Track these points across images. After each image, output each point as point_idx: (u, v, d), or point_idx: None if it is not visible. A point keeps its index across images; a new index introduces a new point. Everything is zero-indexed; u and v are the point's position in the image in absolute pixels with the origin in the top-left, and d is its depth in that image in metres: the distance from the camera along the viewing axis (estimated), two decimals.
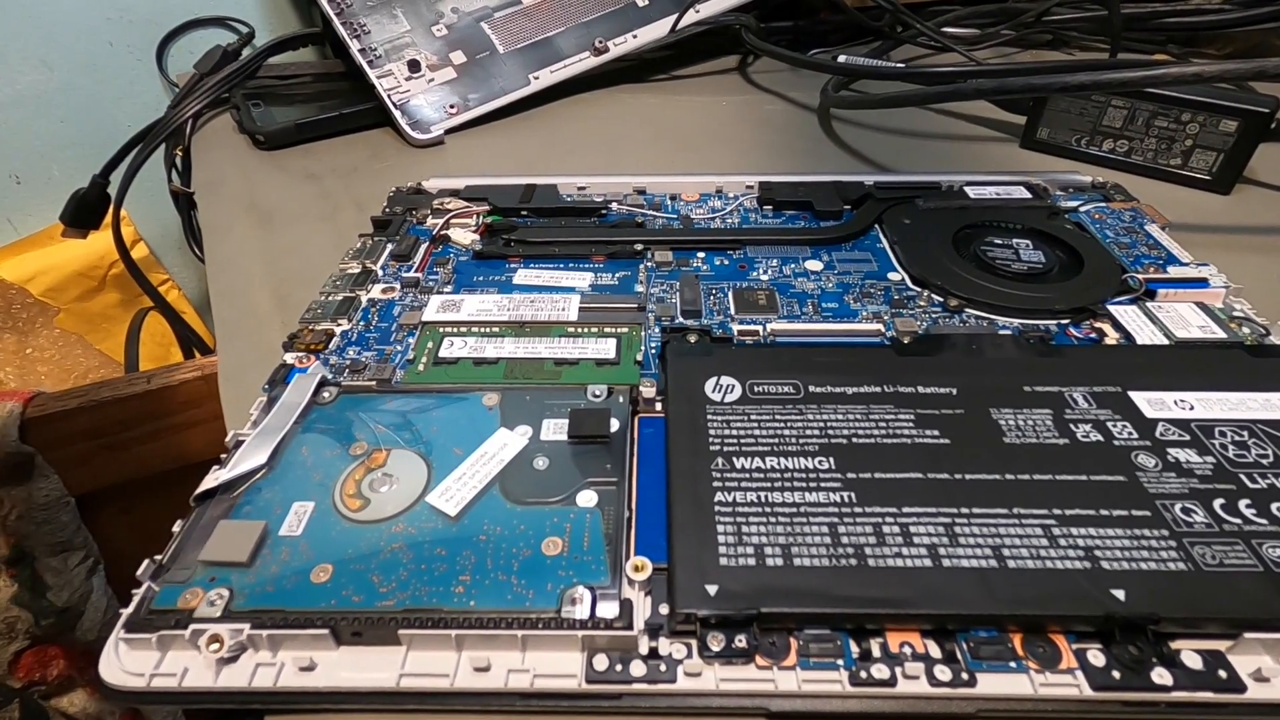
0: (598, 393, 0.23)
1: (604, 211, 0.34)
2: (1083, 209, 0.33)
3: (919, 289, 0.28)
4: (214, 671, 0.17)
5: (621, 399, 0.23)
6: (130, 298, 0.62)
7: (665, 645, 0.17)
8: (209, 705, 0.17)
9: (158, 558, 0.19)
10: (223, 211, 0.39)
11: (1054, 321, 0.26)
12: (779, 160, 0.43)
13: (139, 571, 0.18)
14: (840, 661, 0.16)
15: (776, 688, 0.16)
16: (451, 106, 0.47)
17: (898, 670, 0.16)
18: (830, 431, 0.21)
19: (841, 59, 0.47)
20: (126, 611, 0.18)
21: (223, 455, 0.22)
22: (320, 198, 0.40)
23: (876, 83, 0.50)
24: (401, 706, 0.17)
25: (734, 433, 0.21)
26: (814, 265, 0.30)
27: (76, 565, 0.40)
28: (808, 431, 0.21)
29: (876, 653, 0.17)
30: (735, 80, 0.56)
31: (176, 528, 0.20)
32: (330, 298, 0.28)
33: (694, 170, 0.37)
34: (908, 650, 0.17)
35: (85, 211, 0.53)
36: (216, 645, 0.17)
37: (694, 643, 0.17)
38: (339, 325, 0.27)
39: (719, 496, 0.19)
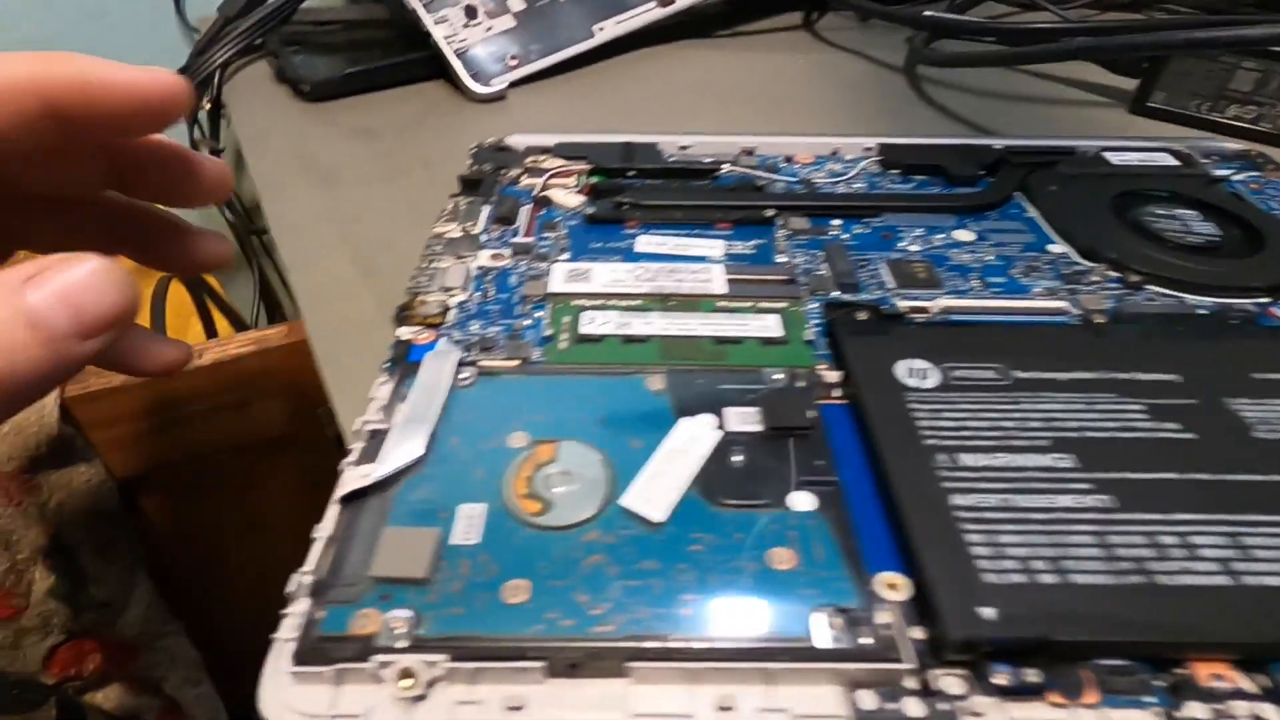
0: (777, 376, 0.20)
1: (717, 173, 0.31)
2: (1236, 178, 0.31)
3: (1089, 263, 0.26)
4: (405, 711, 0.14)
5: (801, 384, 0.20)
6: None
7: (935, 679, 0.14)
8: None
9: (307, 571, 0.16)
10: (276, 168, 0.36)
11: (1249, 301, 0.24)
12: (868, 122, 0.40)
13: (289, 588, 0.15)
14: (1152, 699, 0.14)
15: None
16: (512, 58, 0.43)
17: (1217, 707, 0.14)
18: (1057, 424, 0.19)
19: (928, 13, 0.44)
20: (284, 637, 0.15)
21: (353, 446, 0.19)
22: (381, 155, 0.36)
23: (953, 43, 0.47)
24: None
25: (947, 424, 0.19)
26: (964, 235, 0.27)
27: (120, 556, 0.37)
28: (1030, 424, 0.19)
29: (1186, 688, 0.14)
30: (803, 37, 0.53)
31: (320, 533, 0.17)
32: (433, 264, 0.25)
33: (778, 130, 0.34)
34: (1221, 685, 0.14)
35: None
36: (410, 681, 0.14)
37: (963, 675, 0.14)
38: (452, 296, 0.24)
39: (955, 500, 0.17)
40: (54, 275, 0.14)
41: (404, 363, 0.21)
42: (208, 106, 0.47)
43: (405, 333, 0.22)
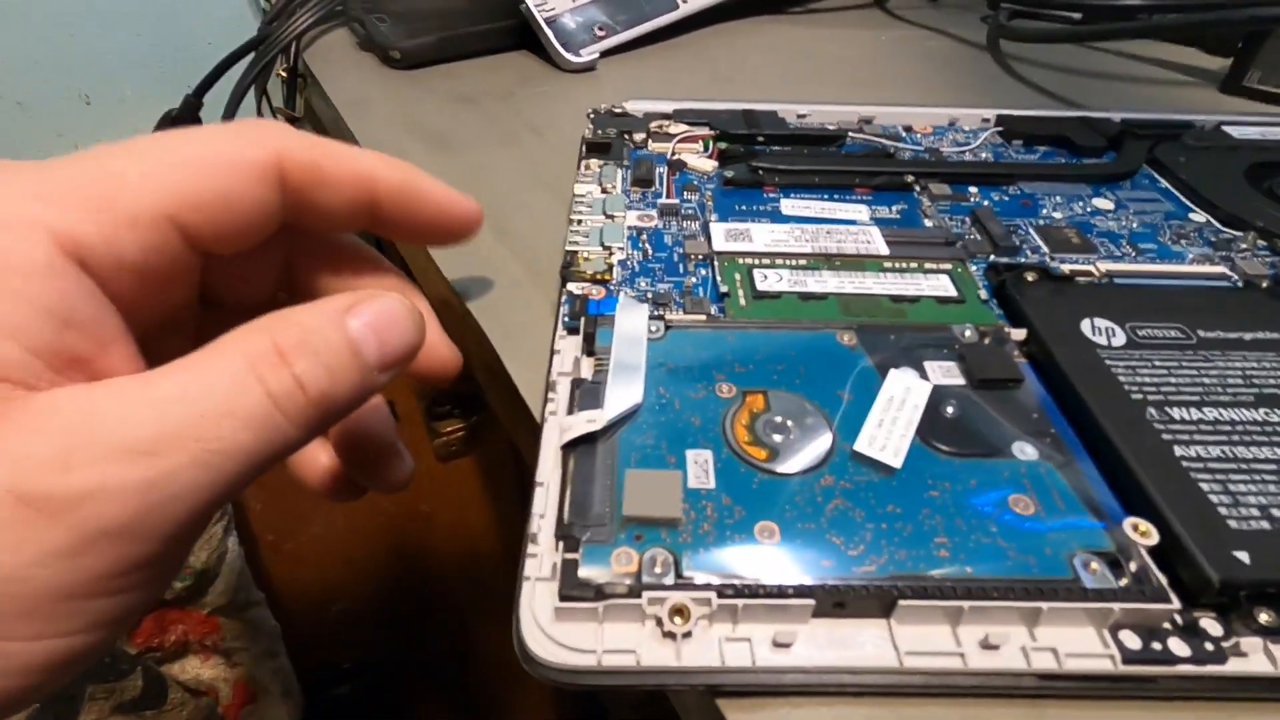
0: (968, 333, 0.20)
1: (843, 140, 0.30)
2: None
3: (1234, 231, 0.26)
4: (675, 648, 0.14)
5: (989, 340, 0.20)
6: None
7: (1196, 620, 0.15)
8: (668, 687, 0.14)
9: (540, 514, 0.16)
10: (383, 134, 0.35)
11: None
12: (955, 96, 0.40)
13: (531, 529, 0.15)
14: None
15: None
16: (600, 29, 0.43)
17: None
18: (1256, 381, 0.19)
19: None
20: (539, 576, 0.15)
21: (550, 396, 0.19)
22: (487, 121, 0.36)
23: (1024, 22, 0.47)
24: (901, 688, 0.14)
25: (1147, 380, 0.19)
26: (1104, 204, 0.27)
27: (215, 522, 0.37)
28: (1230, 380, 0.19)
29: None
30: (876, 15, 0.52)
31: (544, 476, 0.16)
32: (584, 223, 0.25)
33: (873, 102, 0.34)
34: None
35: None
36: (680, 617, 0.14)
37: (1219, 618, 0.15)
38: (611, 254, 0.24)
39: (1180, 451, 0.17)
40: (369, 306, 0.14)
41: (586, 317, 0.21)
42: (284, 75, 0.47)
43: (575, 288, 0.22)
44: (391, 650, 0.53)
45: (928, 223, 0.26)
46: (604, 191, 0.27)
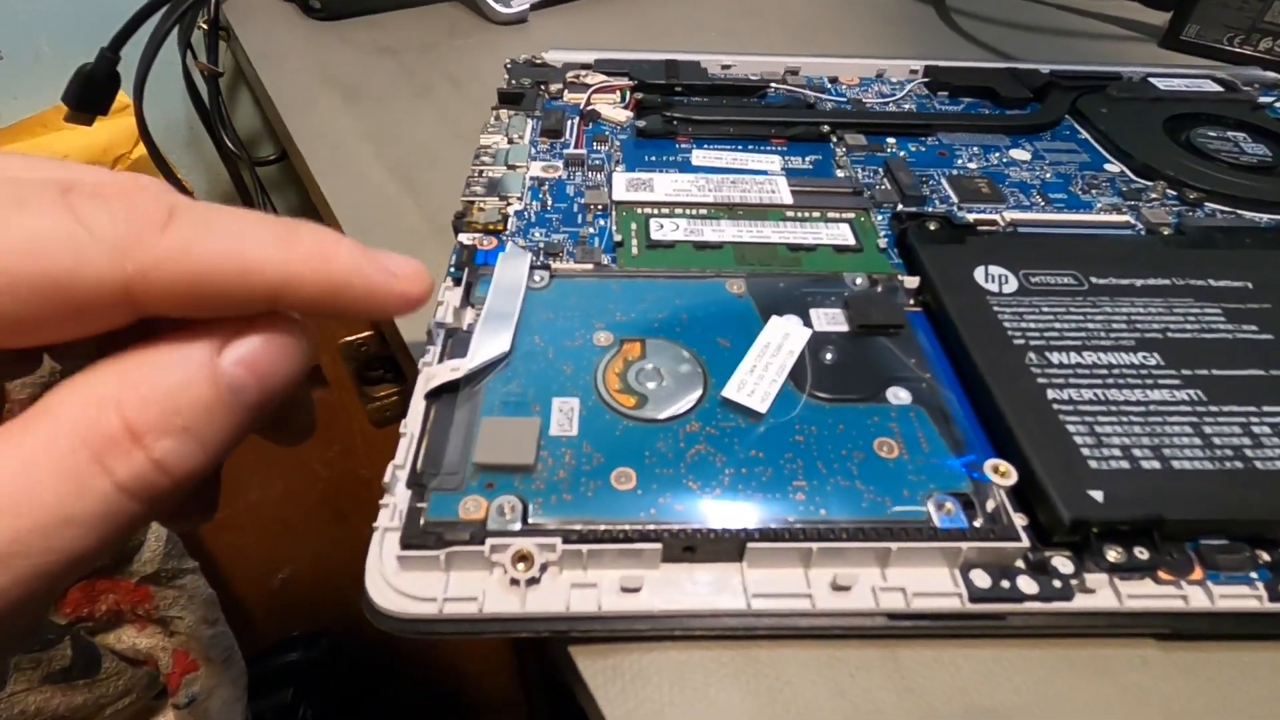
0: (859, 281, 0.20)
1: (765, 91, 0.30)
2: (1278, 104, 0.30)
3: (1146, 181, 0.26)
4: (520, 595, 0.14)
5: (880, 288, 0.20)
6: None
7: (1046, 558, 0.14)
8: (513, 634, 0.14)
9: (398, 463, 0.15)
10: (296, 87, 0.34)
11: None
12: (898, 48, 0.39)
13: (385, 479, 0.15)
14: (1254, 575, 0.14)
15: (1187, 604, 0.14)
16: None
17: None
18: (1139, 326, 0.19)
19: None
20: (389, 523, 0.14)
21: (428, 347, 0.18)
22: (404, 74, 0.35)
23: None
24: (750, 631, 0.14)
25: (1032, 326, 0.19)
26: (1020, 154, 0.27)
27: None
28: (1114, 325, 0.19)
29: None
30: None
31: (406, 427, 0.16)
32: (485, 174, 0.24)
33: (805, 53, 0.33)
34: None
35: (92, 93, 0.46)
36: (524, 564, 0.14)
37: (1069, 556, 0.15)
38: (509, 205, 0.23)
39: (1051, 394, 0.17)
40: (243, 342, 0.11)
41: (471, 266, 0.20)
42: (204, 28, 0.45)
43: (465, 239, 0.21)
44: (340, 617, 0.53)
45: (840, 173, 0.25)
46: (510, 142, 0.26)
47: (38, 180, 0.10)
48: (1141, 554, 0.14)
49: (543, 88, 0.30)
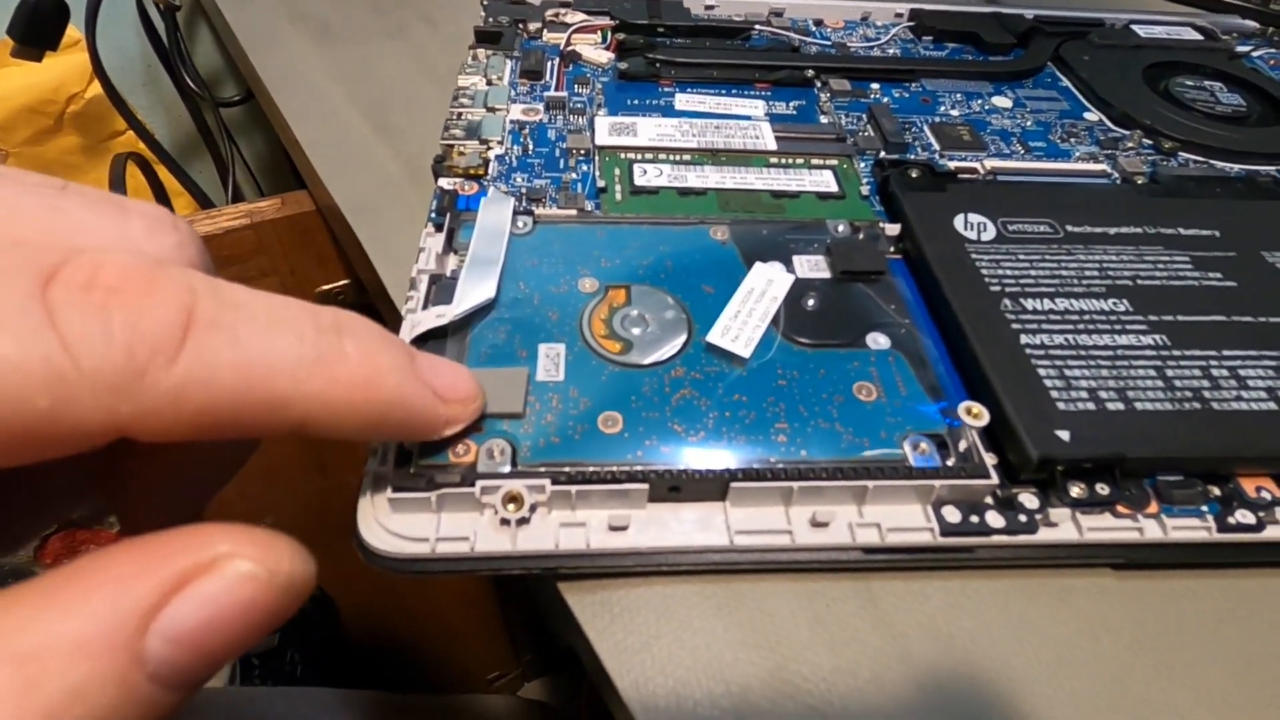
0: (841, 228, 0.20)
1: (749, 33, 0.29)
2: (1255, 54, 0.31)
3: (1123, 130, 0.26)
4: (510, 535, 0.14)
5: (861, 235, 0.20)
6: (94, 142, 0.53)
7: (1014, 495, 0.15)
8: (504, 572, 0.14)
9: None
10: (261, 24, 0.32)
11: (1275, 167, 0.25)
12: None
13: None
14: (1204, 508, 0.15)
15: (1142, 536, 0.15)
16: None
17: (1261, 515, 0.15)
18: (1110, 273, 0.19)
19: None
20: (378, 467, 0.14)
21: (411, 293, 0.18)
22: (375, 11, 0.34)
23: None
24: (733, 566, 0.15)
25: (1008, 273, 0.19)
26: (1002, 102, 0.27)
27: None
28: (1086, 273, 0.19)
29: (1234, 498, 0.15)
30: None
31: None
32: (464, 117, 0.24)
33: None
34: (1265, 495, 0.15)
35: (40, 26, 0.43)
36: (514, 505, 0.14)
37: (1036, 493, 0.15)
38: (490, 149, 0.22)
39: (1024, 339, 0.17)
40: (184, 602, 0.08)
41: (453, 212, 0.20)
42: None
43: (446, 183, 0.21)
44: (325, 567, 0.53)
45: (824, 119, 0.25)
46: (489, 84, 0.25)
47: (9, 264, 0.07)
48: (1102, 490, 0.15)
49: (521, 26, 0.29)
